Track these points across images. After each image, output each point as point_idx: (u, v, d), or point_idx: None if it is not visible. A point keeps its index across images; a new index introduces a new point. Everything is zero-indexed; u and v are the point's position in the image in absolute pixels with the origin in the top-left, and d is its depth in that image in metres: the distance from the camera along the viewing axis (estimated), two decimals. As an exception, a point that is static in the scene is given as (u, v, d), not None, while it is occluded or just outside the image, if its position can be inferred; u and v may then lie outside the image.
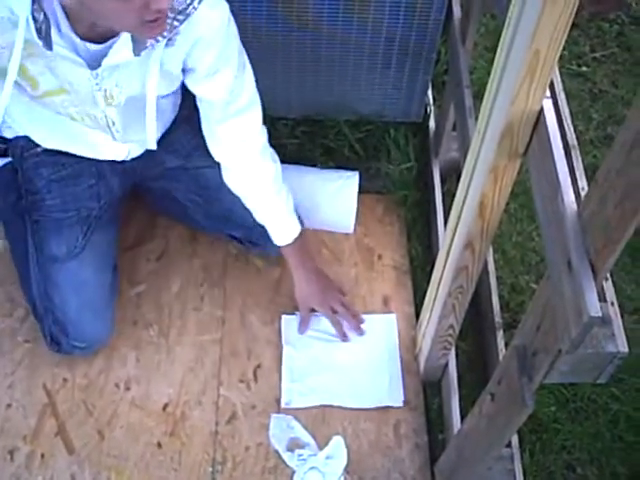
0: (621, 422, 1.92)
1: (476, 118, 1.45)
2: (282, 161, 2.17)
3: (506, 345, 1.87)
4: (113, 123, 1.68)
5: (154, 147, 1.75)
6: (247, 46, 2.05)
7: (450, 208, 1.55)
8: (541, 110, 1.20)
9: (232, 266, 2.13)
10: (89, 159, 1.83)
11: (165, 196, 2.05)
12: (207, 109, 1.74)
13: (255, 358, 1.97)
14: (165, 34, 1.47)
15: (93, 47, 1.48)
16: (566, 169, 1.13)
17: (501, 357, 1.84)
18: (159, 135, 1.84)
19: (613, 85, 2.64)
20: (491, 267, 2.01)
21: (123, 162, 1.87)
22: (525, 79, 1.13)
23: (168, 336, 2.00)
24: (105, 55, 1.49)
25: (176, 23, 1.45)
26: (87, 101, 1.61)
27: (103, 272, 1.87)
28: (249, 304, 2.06)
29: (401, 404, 1.90)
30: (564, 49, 2.76)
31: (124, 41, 1.46)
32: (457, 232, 1.51)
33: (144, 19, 1.34)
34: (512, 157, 1.27)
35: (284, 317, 2.04)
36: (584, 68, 2.69)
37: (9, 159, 1.85)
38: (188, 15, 1.46)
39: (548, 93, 1.20)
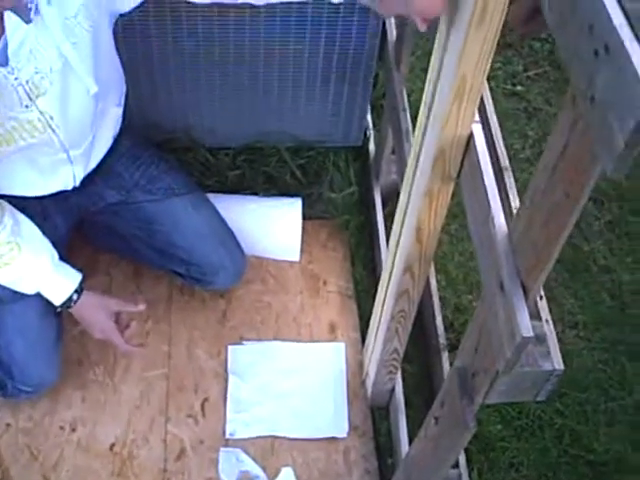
0: (566, 437, 1.95)
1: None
2: (224, 191, 2.19)
3: (451, 365, 1.89)
4: (51, 117, 1.57)
5: (95, 88, 1.59)
6: (185, 76, 2.08)
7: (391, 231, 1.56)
8: (471, 134, 1.21)
9: (177, 299, 2.12)
10: (34, 198, 1.78)
11: (108, 230, 2.04)
12: None
13: (202, 392, 1.96)
14: None
15: None
16: (496, 192, 1.14)
17: (445, 377, 1.85)
18: (99, 159, 1.82)
19: (547, 103, 2.69)
20: (434, 288, 2.03)
21: (67, 199, 1.84)
22: (454, 104, 1.15)
23: (114, 374, 1.98)
24: (6, 47, 1.42)
25: None
26: (14, 105, 1.51)
27: (49, 314, 1.82)
28: (195, 337, 2.05)
29: (345, 435, 1.90)
30: (499, 69, 2.83)
31: (8, 21, 1.38)
32: (397, 256, 1.52)
33: None
34: (445, 181, 1.29)
35: (230, 347, 2.03)
36: (519, 87, 2.74)
37: None
38: None
39: (477, 117, 1.22)
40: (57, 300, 1.73)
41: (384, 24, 2.05)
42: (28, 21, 1.37)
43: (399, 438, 1.80)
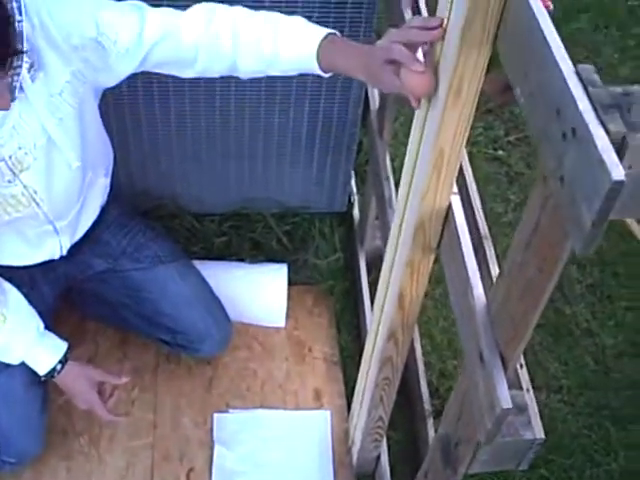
0: (553, 504, 1.95)
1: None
2: (210, 258, 2.22)
3: (436, 432, 1.89)
4: (35, 192, 1.59)
5: (77, 163, 1.60)
6: (173, 145, 2.12)
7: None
8: (450, 206, 1.24)
9: (164, 367, 2.12)
10: (21, 267, 1.79)
11: (95, 298, 2.04)
12: (168, 58, 1.52)
13: (188, 461, 1.95)
14: (16, 62, 1.36)
15: None
16: (475, 264, 1.17)
17: (433, 436, 1.85)
18: (88, 226, 1.84)
19: (528, 167, 2.74)
20: (419, 354, 2.04)
21: (55, 267, 1.85)
22: (432, 177, 1.18)
23: (99, 444, 1.97)
24: None
25: (18, 47, 1.35)
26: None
27: (34, 384, 1.81)
28: (181, 405, 2.05)
29: None
30: (480, 134, 2.89)
31: None
32: (380, 323, 1.53)
33: None
34: (426, 251, 1.32)
35: (216, 415, 2.02)
36: (500, 152, 2.79)
37: None
38: (21, 32, 1.34)
39: (456, 189, 1.25)
40: (41, 370, 1.73)
41: (367, 93, 2.10)
42: (12, 99, 1.38)
43: (385, 507, 1.80)
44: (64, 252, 1.81)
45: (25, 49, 1.36)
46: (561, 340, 2.26)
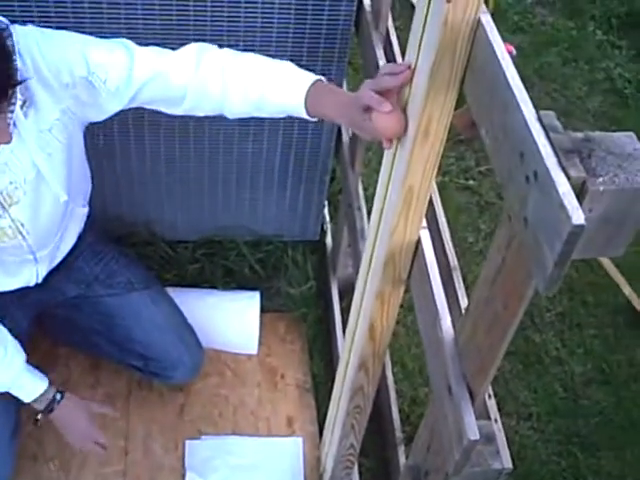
0: (523, 531, 1.97)
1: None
2: (183, 284, 2.23)
3: (407, 459, 1.90)
4: (22, 224, 1.62)
5: (65, 197, 1.63)
6: (147, 172, 2.13)
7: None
8: (419, 240, 1.27)
9: (136, 394, 2.12)
10: None
11: (67, 323, 2.05)
12: (157, 97, 1.54)
13: (159, 487, 1.95)
14: (12, 107, 1.39)
15: None
16: (443, 298, 1.20)
17: (402, 469, 1.87)
18: (63, 256, 1.85)
19: (498, 197, 2.79)
20: (390, 381, 2.06)
21: (28, 294, 1.85)
22: (402, 213, 1.21)
23: (69, 471, 1.96)
24: None
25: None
26: None
27: (7, 413, 1.82)
28: (153, 432, 2.05)
29: None
30: (452, 164, 2.93)
31: None
32: (351, 353, 1.55)
33: None
34: (396, 283, 1.34)
35: (188, 442, 2.03)
36: (471, 182, 2.84)
37: None
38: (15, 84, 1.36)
39: (425, 223, 1.28)
40: (27, 397, 1.75)
41: (339, 125, 2.14)
42: (8, 142, 1.42)
43: (356, 535, 1.81)
44: (39, 280, 1.82)
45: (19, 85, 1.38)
46: (531, 368, 2.30)
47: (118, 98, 1.52)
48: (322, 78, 1.42)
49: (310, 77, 1.41)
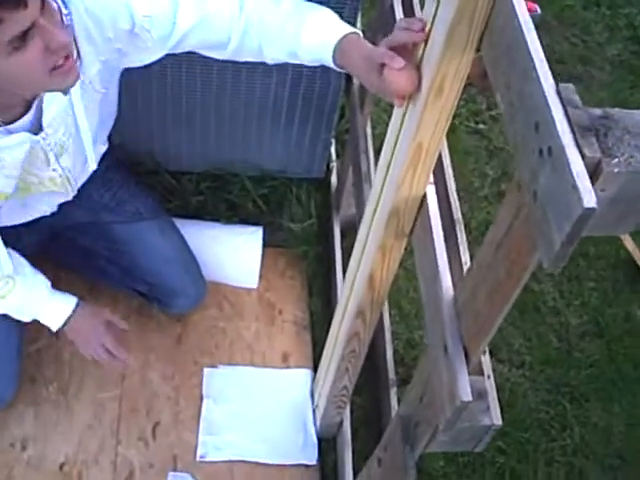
0: (506, 475, 2.01)
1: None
2: (186, 216, 2.22)
3: (399, 401, 1.93)
4: (70, 171, 1.65)
5: (95, 166, 1.71)
6: (152, 101, 2.10)
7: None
8: (425, 195, 1.26)
9: (134, 321, 2.13)
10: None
11: (73, 246, 2.06)
12: (200, 44, 1.54)
13: (154, 415, 1.98)
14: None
15: (26, 119, 1.46)
16: (445, 257, 1.19)
17: (393, 413, 1.90)
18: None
19: (508, 142, 2.76)
20: (387, 323, 2.07)
21: (38, 219, 1.84)
22: (409, 169, 1.20)
23: (67, 393, 1.99)
24: (41, 116, 1.47)
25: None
26: (42, 165, 1.57)
27: (11, 334, 1.84)
28: (150, 360, 2.07)
29: (315, 462, 1.94)
30: (463, 106, 2.89)
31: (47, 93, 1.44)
32: (349, 300, 1.56)
33: (54, 65, 1.28)
34: (399, 237, 1.34)
35: (206, 370, 2.07)
36: (481, 125, 2.80)
37: None
38: (69, 26, 1.36)
39: (432, 179, 1.27)
40: (54, 325, 1.76)
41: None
42: (67, 93, 1.44)
43: (344, 472, 1.85)
44: (55, 209, 1.83)
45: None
46: (527, 316, 2.31)
47: (163, 46, 1.52)
48: (355, 32, 1.40)
49: (342, 29, 1.40)
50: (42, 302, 1.74)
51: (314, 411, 2.00)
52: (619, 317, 2.34)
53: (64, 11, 1.34)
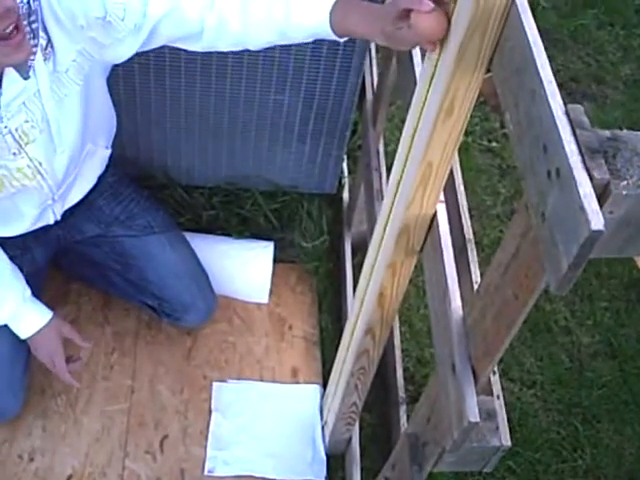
0: (516, 496, 2.00)
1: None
2: (198, 230, 2.23)
3: (408, 419, 1.92)
4: (40, 163, 1.61)
5: (66, 162, 1.66)
6: (166, 117, 2.12)
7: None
8: (435, 213, 1.26)
9: (144, 334, 2.14)
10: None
11: (84, 259, 2.06)
12: (174, 34, 1.49)
13: (162, 429, 1.98)
14: (32, 42, 1.39)
15: None
16: (455, 276, 1.19)
17: (402, 430, 1.89)
18: (82, 195, 1.85)
19: (521, 161, 2.75)
20: (397, 341, 2.07)
21: (47, 230, 1.86)
22: (419, 188, 1.20)
23: (75, 405, 2.00)
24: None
25: (35, 25, 1.38)
26: (3, 153, 1.54)
27: (20, 347, 1.84)
28: (159, 373, 2.07)
29: (323, 479, 1.93)
30: (476, 124, 2.89)
31: (7, 74, 1.42)
32: (359, 317, 1.56)
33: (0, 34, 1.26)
34: (409, 254, 1.34)
35: (215, 384, 2.07)
36: (494, 144, 2.80)
37: None
38: (36, 11, 1.37)
39: (442, 197, 1.27)
40: (23, 334, 1.76)
41: (364, 81, 2.10)
42: (26, 77, 1.42)
43: (352, 489, 1.84)
44: (58, 217, 1.83)
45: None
46: (539, 336, 2.30)
47: (136, 36, 1.48)
48: None
49: None
50: (13, 309, 1.74)
51: (323, 427, 1.99)
52: (631, 337, 2.33)
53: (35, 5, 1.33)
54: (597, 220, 0.72)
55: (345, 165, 2.44)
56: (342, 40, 1.36)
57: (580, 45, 3.14)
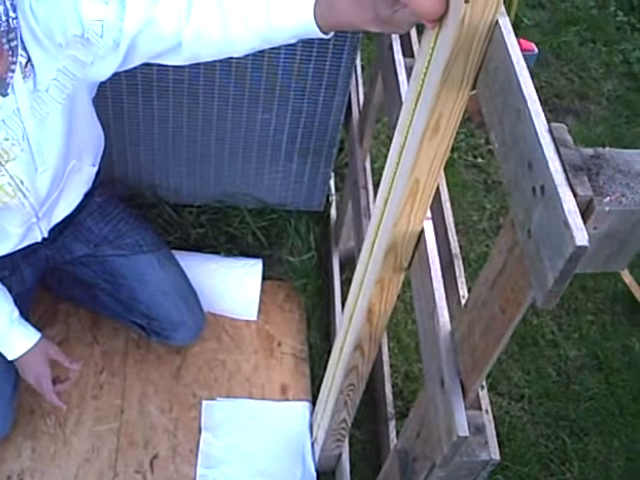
0: (506, 510, 2.00)
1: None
2: (186, 249, 2.24)
3: (397, 435, 1.93)
4: (21, 182, 1.60)
5: (49, 183, 1.65)
6: (154, 137, 2.13)
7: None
8: (422, 231, 1.27)
9: (133, 353, 2.14)
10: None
11: (72, 278, 2.07)
12: (153, 49, 1.47)
13: (152, 448, 1.98)
14: (11, 59, 1.38)
15: None
16: (442, 292, 1.20)
17: (392, 447, 1.90)
18: (69, 211, 1.85)
19: (506, 176, 2.78)
20: (385, 357, 2.08)
21: (36, 250, 1.86)
22: (406, 205, 1.21)
23: (65, 426, 1.99)
24: None
25: (14, 43, 1.37)
26: None
27: (9, 367, 1.83)
28: (148, 392, 2.08)
29: None
30: (462, 140, 2.91)
31: None
32: (348, 334, 1.57)
33: None
34: (397, 270, 1.35)
35: (204, 402, 2.07)
36: (479, 160, 2.83)
37: None
38: (15, 29, 1.36)
39: (429, 214, 1.28)
40: (10, 355, 1.77)
41: (350, 99, 2.12)
42: (4, 94, 1.41)
43: (342, 506, 1.84)
44: (45, 234, 1.82)
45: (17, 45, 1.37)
46: (526, 350, 2.31)
47: (116, 52, 1.46)
48: None
49: None
50: (0, 331, 1.74)
51: (313, 444, 1.99)
52: (617, 350, 2.35)
53: (11, 15, 1.33)
54: (581, 236, 0.74)
55: (332, 182, 2.46)
56: (327, 37, 1.30)
57: (563, 62, 3.18)
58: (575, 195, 0.77)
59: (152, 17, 1.43)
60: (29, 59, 1.44)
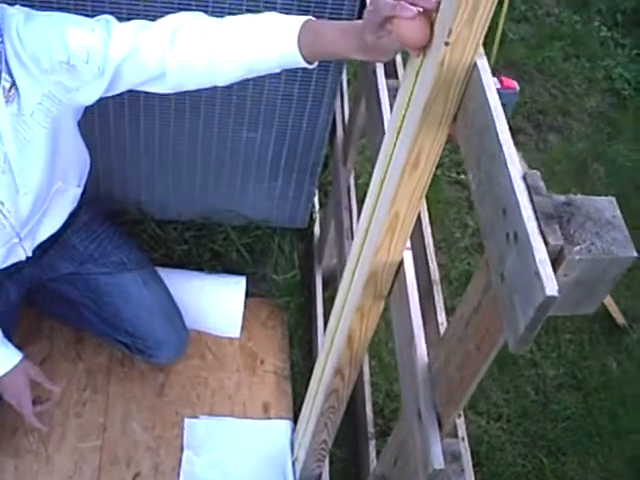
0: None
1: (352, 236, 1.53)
2: (170, 265, 2.25)
3: (378, 454, 1.95)
4: (2, 203, 1.62)
5: (25, 190, 1.63)
6: (140, 153, 2.14)
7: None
8: (402, 261, 1.29)
9: (116, 370, 2.15)
10: None
11: (57, 295, 2.07)
12: (137, 76, 1.50)
13: (135, 466, 1.99)
14: None
15: None
16: (420, 323, 1.22)
17: (372, 467, 1.92)
18: (54, 230, 1.86)
19: (489, 193, 2.80)
20: (366, 376, 2.09)
21: (20, 268, 1.86)
22: (387, 235, 1.23)
23: (48, 443, 2.00)
24: None
25: None
26: None
27: None
28: (131, 410, 2.08)
29: None
30: (445, 157, 2.93)
31: None
32: (329, 358, 1.59)
33: None
34: (377, 299, 1.37)
35: (187, 420, 2.07)
36: (462, 176, 2.85)
37: None
38: (0, 53, 1.39)
39: (409, 244, 1.30)
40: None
41: (334, 118, 2.15)
42: None
43: (322, 526, 1.85)
44: (29, 253, 1.83)
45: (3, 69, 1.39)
46: (505, 369, 2.34)
47: (101, 79, 1.49)
48: (311, 18, 1.31)
49: (298, 19, 1.30)
50: None
51: (294, 463, 2.01)
52: (595, 370, 2.38)
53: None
54: (552, 286, 0.76)
55: (316, 199, 2.48)
56: (312, 66, 1.34)
57: (547, 77, 3.22)
58: (546, 244, 0.79)
59: (136, 45, 1.45)
60: (14, 83, 1.46)
